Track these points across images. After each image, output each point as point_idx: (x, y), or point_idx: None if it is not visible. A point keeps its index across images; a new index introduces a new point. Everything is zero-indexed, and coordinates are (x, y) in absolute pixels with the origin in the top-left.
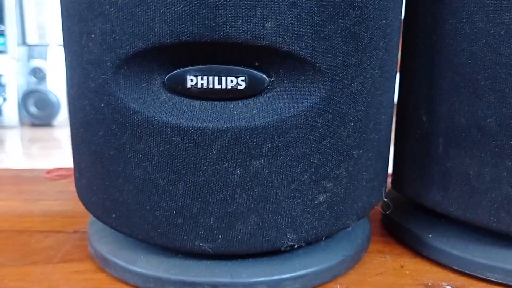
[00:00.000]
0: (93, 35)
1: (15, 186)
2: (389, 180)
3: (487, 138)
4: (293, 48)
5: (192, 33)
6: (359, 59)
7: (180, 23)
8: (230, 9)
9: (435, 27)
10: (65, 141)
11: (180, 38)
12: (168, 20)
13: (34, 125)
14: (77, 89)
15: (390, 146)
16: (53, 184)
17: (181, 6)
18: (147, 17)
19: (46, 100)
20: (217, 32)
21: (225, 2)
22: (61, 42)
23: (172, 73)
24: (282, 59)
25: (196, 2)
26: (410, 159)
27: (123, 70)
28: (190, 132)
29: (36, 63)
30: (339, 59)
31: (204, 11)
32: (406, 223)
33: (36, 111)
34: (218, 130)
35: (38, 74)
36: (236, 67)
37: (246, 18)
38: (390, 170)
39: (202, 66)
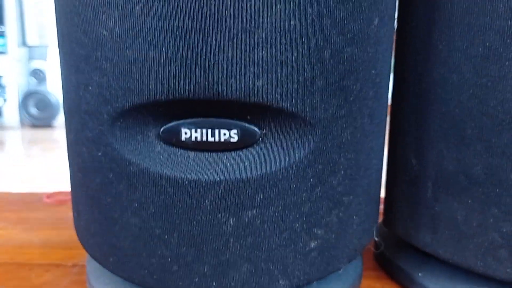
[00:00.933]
0: (90, 87)
1: (15, 213)
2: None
3: (474, 186)
4: (283, 104)
5: (186, 91)
6: (349, 110)
7: (174, 81)
8: (223, 68)
9: (424, 75)
10: (65, 142)
11: (174, 96)
12: (163, 78)
13: (34, 126)
14: (75, 135)
15: (381, 188)
16: (53, 210)
17: (175, 66)
18: (141, 75)
19: (46, 101)
20: (209, 90)
21: (217, 62)
22: None
23: (167, 125)
24: (273, 114)
25: (189, 62)
26: (400, 201)
27: (119, 122)
28: (185, 183)
29: (36, 64)
30: (329, 112)
31: (197, 70)
32: (397, 260)
33: (36, 112)
34: (212, 182)
35: (38, 75)
36: (228, 120)
37: (238, 77)
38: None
39: (196, 119)
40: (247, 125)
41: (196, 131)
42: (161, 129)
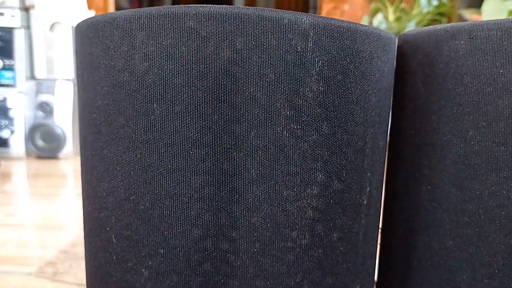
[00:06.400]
0: None
1: None
2: None
3: None
4: None
5: None
6: None
7: None
8: None
9: None
10: (70, 174)
11: None
12: None
13: (39, 157)
14: None
15: None
16: None
17: None
18: None
19: (52, 133)
20: None
21: None
22: (68, 76)
23: None
24: None
25: None
26: None
27: None
28: None
29: (44, 97)
30: None
31: None
32: None
33: (42, 144)
34: None
35: (45, 108)
36: None
37: None
38: None
39: None
40: None
41: None
42: None
